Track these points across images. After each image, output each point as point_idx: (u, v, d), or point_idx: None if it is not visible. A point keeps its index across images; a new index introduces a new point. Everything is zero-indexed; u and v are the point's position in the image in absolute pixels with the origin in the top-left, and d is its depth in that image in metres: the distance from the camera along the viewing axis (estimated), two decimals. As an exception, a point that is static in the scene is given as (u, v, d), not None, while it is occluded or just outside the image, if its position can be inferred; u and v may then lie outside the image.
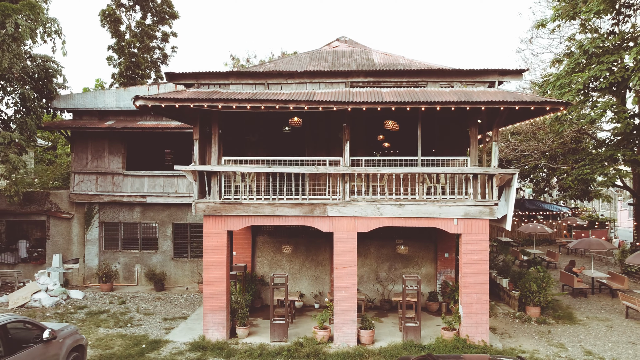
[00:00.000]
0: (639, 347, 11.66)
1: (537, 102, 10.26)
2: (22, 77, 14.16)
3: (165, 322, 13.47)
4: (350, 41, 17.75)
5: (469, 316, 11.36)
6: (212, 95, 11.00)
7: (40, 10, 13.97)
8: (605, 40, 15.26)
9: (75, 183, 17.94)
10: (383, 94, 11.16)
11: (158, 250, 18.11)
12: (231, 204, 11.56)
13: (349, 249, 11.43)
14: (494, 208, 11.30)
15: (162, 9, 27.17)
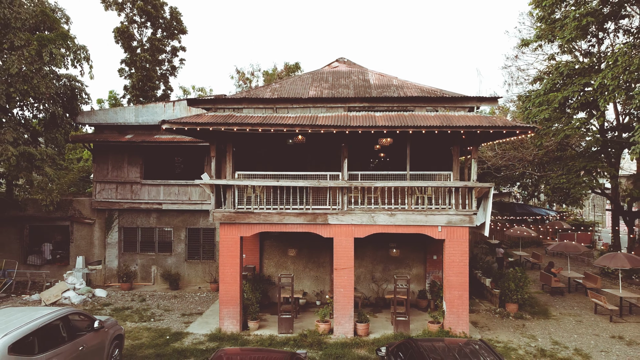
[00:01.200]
0: (600, 338, 13.33)
1: (508, 126, 11.95)
2: (53, 97, 15.80)
3: (183, 317, 15.13)
4: (348, 62, 19.40)
5: (452, 311, 13.03)
6: (228, 119, 12.68)
7: (71, 39, 15.66)
8: (577, 63, 16.90)
9: (97, 191, 19.60)
10: (376, 118, 12.84)
11: (173, 252, 19.78)
12: (244, 213, 13.23)
13: (347, 253, 13.10)
14: (473, 217, 12.97)
15: (172, 24, 28.84)
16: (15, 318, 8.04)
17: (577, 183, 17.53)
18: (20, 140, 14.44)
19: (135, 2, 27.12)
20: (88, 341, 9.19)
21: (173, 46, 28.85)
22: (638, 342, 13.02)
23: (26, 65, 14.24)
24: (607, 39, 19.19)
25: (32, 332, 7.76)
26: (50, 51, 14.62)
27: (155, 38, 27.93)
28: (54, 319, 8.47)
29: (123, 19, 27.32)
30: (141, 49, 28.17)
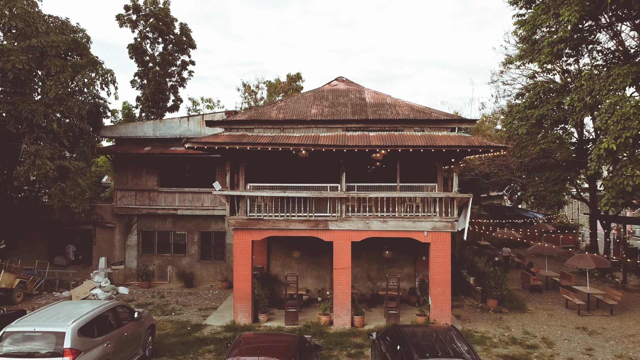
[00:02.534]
0: (566, 329, 15.27)
1: (484, 146, 13.89)
2: (81, 114, 17.73)
3: (200, 311, 17.07)
4: (346, 80, 21.29)
5: (436, 305, 14.97)
6: (242, 139, 14.61)
7: (99, 65, 17.57)
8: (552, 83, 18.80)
9: (118, 198, 21.53)
10: (370, 138, 14.78)
11: (187, 253, 21.71)
12: (255, 220, 15.17)
13: (345, 254, 15.04)
14: (455, 223, 14.91)
15: (181, 39, 30.74)
16: (78, 309, 9.97)
17: (553, 191, 19.48)
18: (55, 155, 16.37)
19: (148, 20, 29.03)
20: (130, 329, 11.12)
21: (183, 60, 30.74)
22: (598, 332, 14.95)
23: (62, 90, 16.17)
24: (582, 58, 21.13)
25: (92, 320, 9.70)
26: (82, 76, 16.55)
27: (166, 53, 29.82)
28: (105, 310, 10.41)
29: (137, 35, 29.23)
30: (153, 63, 30.07)
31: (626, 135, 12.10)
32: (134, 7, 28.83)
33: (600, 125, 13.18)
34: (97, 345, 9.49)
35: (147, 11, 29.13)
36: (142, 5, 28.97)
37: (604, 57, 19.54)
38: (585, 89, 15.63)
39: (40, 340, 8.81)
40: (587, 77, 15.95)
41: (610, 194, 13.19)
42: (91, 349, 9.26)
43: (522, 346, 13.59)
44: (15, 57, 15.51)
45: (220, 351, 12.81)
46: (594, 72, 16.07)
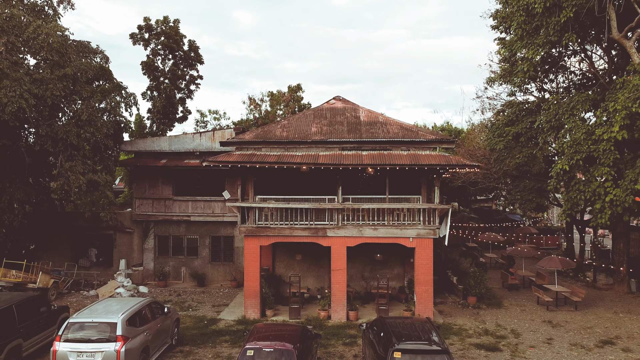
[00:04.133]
0: (534, 322, 17.56)
1: (460, 164, 16.19)
2: (108, 133, 19.96)
3: (214, 307, 19.34)
4: (343, 99, 23.52)
5: (420, 302, 17.26)
6: (251, 158, 16.88)
7: (124, 89, 19.79)
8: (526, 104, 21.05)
9: (136, 205, 23.79)
10: (363, 156, 17.06)
11: (199, 256, 23.98)
12: (262, 228, 17.44)
13: (341, 258, 17.31)
14: (437, 230, 17.19)
15: (189, 55, 32.96)
16: (123, 305, 12.24)
17: (528, 200, 21.76)
18: (86, 170, 18.61)
19: (159, 38, 31.26)
20: (162, 321, 13.40)
21: (191, 75, 32.97)
22: (561, 325, 17.25)
23: (92, 113, 18.42)
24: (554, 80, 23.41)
25: (135, 313, 11.98)
26: (110, 100, 18.81)
27: (176, 68, 32.04)
28: (144, 305, 12.69)
29: (149, 53, 31.46)
30: (164, 77, 32.29)
31: (577, 158, 14.32)
32: (147, 27, 31.05)
33: (558, 148, 15.42)
34: (139, 334, 11.76)
35: (159, 30, 31.35)
36: (154, 24, 31.18)
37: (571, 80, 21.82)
38: (552, 112, 17.90)
39: (97, 329, 11.09)
40: (554, 101, 18.22)
41: (566, 206, 15.43)
42: (135, 337, 11.54)
43: (493, 336, 15.88)
44: (53, 86, 17.77)
45: (235, 341, 15.09)
46: (559, 98, 18.32)
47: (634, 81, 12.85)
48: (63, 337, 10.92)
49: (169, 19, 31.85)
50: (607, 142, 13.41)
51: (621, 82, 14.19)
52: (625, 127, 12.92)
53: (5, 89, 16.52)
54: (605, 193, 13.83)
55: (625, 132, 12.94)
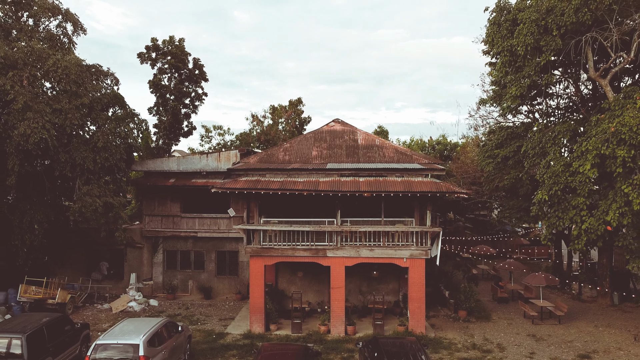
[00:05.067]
0: (519, 336, 18.90)
1: (450, 191, 17.52)
2: (122, 157, 21.28)
3: (221, 321, 20.67)
4: (342, 122, 24.84)
5: (413, 317, 18.60)
6: (256, 184, 18.21)
7: (136, 116, 21.10)
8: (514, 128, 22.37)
9: (146, 222, 25.12)
10: (360, 183, 18.40)
11: (205, 270, 25.31)
12: (267, 249, 18.77)
13: (340, 277, 18.65)
14: (428, 251, 18.53)
15: (194, 72, 34.26)
16: (142, 326, 13.57)
17: (516, 217, 23.09)
18: (102, 193, 19.92)
19: (166, 57, 32.58)
20: (177, 339, 14.73)
21: (196, 92, 34.27)
22: (544, 339, 18.58)
23: (107, 140, 19.76)
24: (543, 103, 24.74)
25: (154, 334, 13.31)
26: (124, 127, 20.16)
27: (181, 86, 33.35)
28: (161, 325, 14.02)
29: (155, 71, 32.77)
30: (169, 94, 33.60)
31: (555, 189, 15.62)
32: (154, 47, 32.37)
33: (539, 178, 16.74)
34: (158, 353, 13.10)
35: (165, 50, 32.67)
36: (161, 44, 32.51)
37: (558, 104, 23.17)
38: (536, 139, 19.24)
39: (121, 350, 12.42)
40: (538, 129, 19.56)
41: (548, 231, 16.75)
42: (155, 356, 12.88)
43: (480, 351, 17.22)
44: (71, 115, 19.09)
45: (242, 355, 16.42)
46: (543, 126, 19.64)
47: (603, 125, 14.15)
48: (91, 357, 12.25)
49: (174, 38, 33.15)
50: (583, 175, 14.72)
51: (595, 120, 15.49)
52: (596, 166, 14.22)
53: (29, 120, 17.85)
54: (582, 221, 15.15)
55: (595, 170, 14.25)
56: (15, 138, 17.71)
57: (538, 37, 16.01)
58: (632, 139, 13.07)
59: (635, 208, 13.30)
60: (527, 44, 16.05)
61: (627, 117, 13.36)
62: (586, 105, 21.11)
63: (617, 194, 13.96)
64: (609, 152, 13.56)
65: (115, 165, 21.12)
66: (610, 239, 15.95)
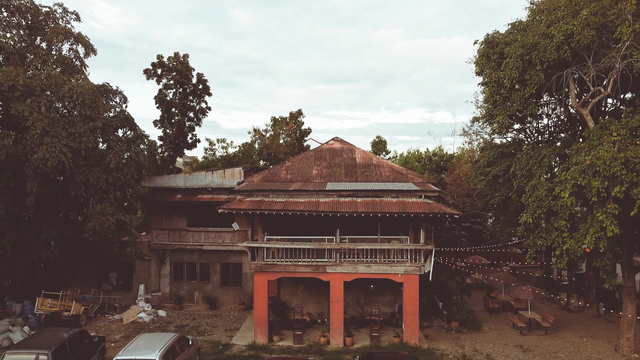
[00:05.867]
0: (507, 347, 20.11)
1: (441, 212, 18.72)
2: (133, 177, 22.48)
3: (226, 332, 21.86)
4: (341, 140, 26.03)
5: (407, 329, 19.81)
6: (260, 205, 19.40)
7: (146, 137, 22.30)
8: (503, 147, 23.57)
9: (154, 235, 26.32)
10: (357, 203, 19.60)
11: (210, 281, 26.50)
12: (270, 265, 19.97)
13: (339, 291, 19.85)
14: (422, 267, 19.74)
15: (198, 87, 35.46)
16: (157, 341, 14.77)
17: (505, 232, 24.31)
18: (114, 211, 21.10)
19: (171, 73, 33.79)
20: (188, 352, 15.94)
21: (201, 107, 35.47)
22: (531, 350, 19.79)
23: (119, 161, 20.96)
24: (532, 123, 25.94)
25: (168, 349, 14.51)
26: (134, 148, 21.36)
27: (185, 101, 34.55)
28: (174, 340, 15.22)
29: (161, 87, 34.01)
30: (174, 108, 34.81)
31: (539, 212, 16.81)
32: (159, 64, 33.58)
33: (524, 202, 17.93)
34: (172, 366, 14.30)
35: (171, 66, 33.88)
36: (166, 61, 33.72)
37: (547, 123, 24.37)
38: (524, 161, 20.44)
39: (139, 364, 13.61)
40: (525, 152, 20.75)
41: (532, 250, 17.94)
42: (169, 369, 14.08)
43: (469, 361, 18.45)
44: (86, 139, 20.28)
45: (247, 366, 17.61)
46: (530, 148, 20.82)
47: (580, 157, 15.34)
48: (112, 372, 13.45)
49: (179, 54, 34.36)
50: (563, 200, 15.89)
51: (576, 148, 16.68)
52: (574, 194, 15.41)
53: (47, 145, 19.03)
54: (563, 242, 16.32)
55: (573, 198, 15.43)
56: (34, 162, 18.88)
57: (523, 71, 17.21)
58: (606, 171, 14.26)
59: (609, 234, 14.51)
60: (513, 78, 17.26)
61: (602, 151, 14.55)
62: (572, 126, 22.31)
63: (594, 220, 15.15)
64: (585, 183, 14.75)
65: (126, 183, 22.31)
66: (590, 258, 17.11)
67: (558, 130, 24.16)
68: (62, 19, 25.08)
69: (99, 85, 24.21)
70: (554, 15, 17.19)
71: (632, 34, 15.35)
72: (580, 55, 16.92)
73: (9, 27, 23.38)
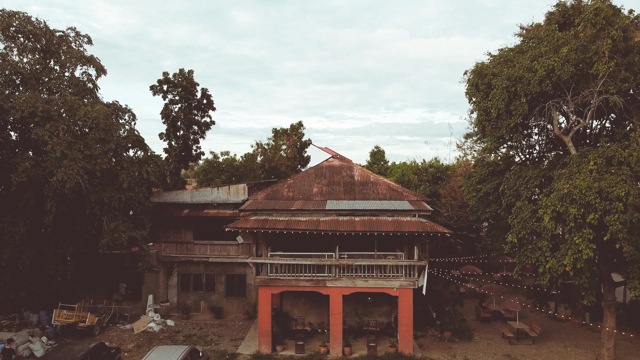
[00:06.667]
0: (495, 356, 21.45)
1: (434, 231, 20.07)
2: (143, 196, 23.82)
3: (232, 341, 23.18)
4: (340, 157, 27.45)
5: (402, 339, 21.15)
6: (265, 224, 20.74)
7: (158, 158, 23.66)
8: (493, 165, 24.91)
9: (162, 248, 27.65)
10: (355, 222, 20.94)
11: (216, 291, 27.84)
12: (273, 279, 21.30)
13: (338, 304, 21.18)
14: (416, 282, 21.08)
15: (202, 102, 36.81)
16: (171, 354, 16.10)
17: (495, 248, 25.70)
18: (127, 228, 22.43)
19: (176, 89, 35.13)
20: (198, 363, 17.28)
21: (205, 121, 36.81)
22: (518, 359, 21.13)
23: (131, 181, 22.30)
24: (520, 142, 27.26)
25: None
26: (146, 170, 22.74)
27: (190, 116, 35.89)
28: (186, 353, 16.55)
29: (167, 102, 35.34)
30: (180, 122, 36.13)
31: (523, 233, 18.17)
32: (165, 80, 34.93)
33: (510, 223, 19.28)
34: (185, 378, 15.64)
35: (176, 82, 35.22)
36: (172, 77, 35.06)
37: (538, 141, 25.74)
38: (512, 182, 21.78)
39: (156, 376, 14.95)
40: (513, 173, 22.09)
41: (518, 267, 19.27)
42: (183, 380, 15.42)
43: (460, 370, 19.79)
44: (100, 160, 21.61)
45: (253, 375, 18.95)
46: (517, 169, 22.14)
47: (559, 184, 16.69)
48: (131, 383, 14.78)
49: (184, 71, 35.71)
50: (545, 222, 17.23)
51: (557, 174, 18.01)
52: (554, 219, 16.75)
53: (65, 167, 20.36)
54: (545, 261, 17.66)
55: (553, 223, 16.79)
56: (54, 183, 20.19)
57: (509, 102, 18.55)
58: (582, 199, 15.59)
59: (584, 257, 15.85)
60: (499, 108, 18.61)
61: (578, 180, 15.89)
62: (557, 147, 23.65)
63: (572, 243, 16.49)
64: (563, 210, 16.10)
65: (138, 202, 23.64)
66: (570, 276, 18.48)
67: (545, 149, 25.49)
68: (75, 42, 26.41)
69: (109, 103, 25.54)
70: (538, 50, 18.52)
71: (608, 71, 16.69)
72: (561, 88, 18.25)
73: (25, 51, 24.70)
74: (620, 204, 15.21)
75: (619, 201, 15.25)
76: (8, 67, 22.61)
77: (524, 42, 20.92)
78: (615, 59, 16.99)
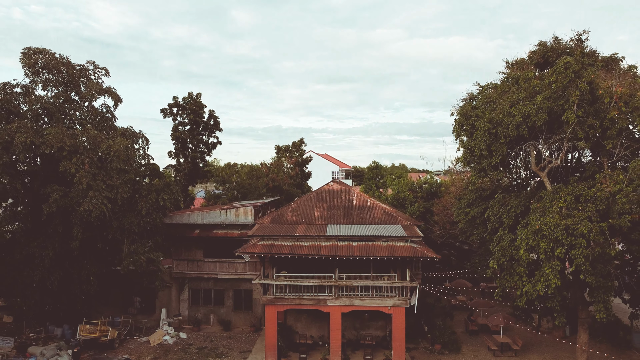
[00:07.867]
0: (480, 368, 23.67)
1: (425, 255, 22.29)
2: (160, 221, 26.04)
3: (240, 353, 25.38)
4: (339, 182, 29.64)
5: (396, 353, 23.36)
6: (271, 249, 22.94)
7: (174, 186, 25.87)
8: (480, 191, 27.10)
9: (175, 265, 29.86)
10: (353, 247, 23.16)
11: (224, 305, 30.04)
12: (279, 298, 23.51)
13: (337, 321, 23.40)
14: (408, 301, 23.30)
15: (209, 123, 39.09)
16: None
17: (483, 266, 27.94)
18: (145, 250, 24.63)
19: (185, 111, 37.40)
20: (213, 377, 19.47)
21: (212, 142, 39.11)
22: (500, 370, 23.35)
23: (150, 207, 24.52)
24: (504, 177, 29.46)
25: (200, 377, 18.03)
26: (162, 197, 24.97)
27: (198, 136, 38.16)
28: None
29: (177, 124, 37.58)
30: (189, 142, 38.39)
31: (503, 260, 20.36)
32: (175, 104, 37.20)
33: (491, 249, 21.49)
34: (203, 391, 17.83)
35: (185, 104, 37.49)
36: (181, 101, 37.34)
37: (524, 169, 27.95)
38: (496, 209, 24.00)
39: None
40: (497, 201, 24.30)
41: (500, 289, 21.47)
42: (201, 393, 17.61)
43: (447, 381, 22.00)
44: (122, 190, 23.82)
45: (261, 386, 21.15)
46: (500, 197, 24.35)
47: (534, 218, 18.91)
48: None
49: (192, 94, 38.02)
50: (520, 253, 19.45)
51: (533, 208, 20.20)
52: (528, 250, 18.97)
53: (91, 198, 22.56)
54: (522, 285, 19.88)
55: (527, 254, 19.02)
56: (80, 212, 22.39)
57: (490, 144, 20.79)
58: (551, 235, 17.79)
59: (553, 286, 18.07)
60: (482, 148, 20.83)
61: (548, 217, 18.11)
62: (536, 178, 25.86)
63: (543, 272, 18.71)
64: (535, 244, 18.33)
65: (155, 226, 25.85)
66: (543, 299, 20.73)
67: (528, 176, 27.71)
68: (94, 74, 28.59)
69: (124, 129, 27.71)
70: (516, 95, 20.72)
71: (576, 120, 18.90)
72: (536, 132, 20.47)
73: (49, 85, 26.84)
74: (584, 240, 17.42)
75: (582, 237, 17.46)
76: (37, 103, 24.80)
77: (504, 83, 23.16)
78: (583, 107, 19.21)
